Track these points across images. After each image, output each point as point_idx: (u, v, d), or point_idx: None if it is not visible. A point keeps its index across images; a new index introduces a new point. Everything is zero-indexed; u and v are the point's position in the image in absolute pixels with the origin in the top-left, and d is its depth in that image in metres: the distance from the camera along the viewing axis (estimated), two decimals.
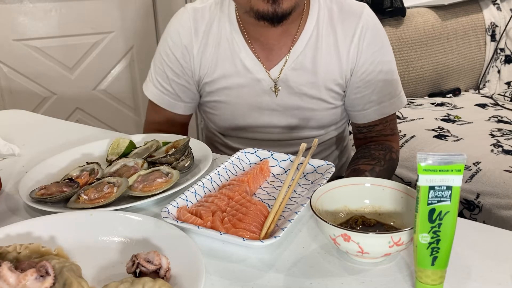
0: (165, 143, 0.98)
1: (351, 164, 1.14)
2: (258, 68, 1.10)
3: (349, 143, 1.36)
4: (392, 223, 0.71)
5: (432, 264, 0.58)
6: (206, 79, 1.15)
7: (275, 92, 1.12)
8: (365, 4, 1.13)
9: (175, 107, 1.20)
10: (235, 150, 1.00)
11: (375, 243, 0.62)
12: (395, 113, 1.20)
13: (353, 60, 1.10)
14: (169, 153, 0.91)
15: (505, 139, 1.85)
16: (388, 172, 1.13)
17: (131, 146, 0.99)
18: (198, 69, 1.14)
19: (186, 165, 0.91)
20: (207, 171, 0.87)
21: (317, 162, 0.89)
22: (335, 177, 0.80)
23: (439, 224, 0.57)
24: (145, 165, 0.91)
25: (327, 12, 1.10)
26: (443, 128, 2.00)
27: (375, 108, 1.14)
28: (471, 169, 1.67)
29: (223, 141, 1.25)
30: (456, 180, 0.56)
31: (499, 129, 1.96)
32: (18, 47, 2.30)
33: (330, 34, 1.10)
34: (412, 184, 1.74)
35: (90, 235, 0.70)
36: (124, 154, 0.97)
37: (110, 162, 0.95)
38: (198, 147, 0.97)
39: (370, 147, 1.17)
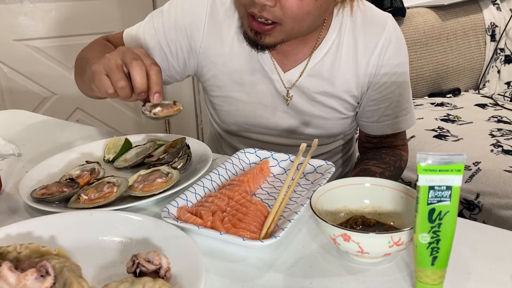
0: (160, 145, 0.98)
1: (359, 163, 1.13)
2: (273, 69, 1.08)
3: (354, 152, 1.35)
4: (392, 223, 0.71)
5: (432, 264, 0.58)
6: (214, 71, 1.11)
7: (287, 100, 1.10)
8: (390, 15, 1.08)
9: None
10: (238, 150, 0.99)
11: (375, 243, 0.62)
12: None
13: (371, 73, 1.06)
14: (167, 153, 0.91)
15: (505, 139, 1.85)
16: (394, 179, 1.11)
17: (128, 144, 1.00)
18: (198, 54, 1.09)
19: (179, 167, 0.91)
20: (207, 171, 0.87)
21: (317, 162, 0.89)
22: None
23: (439, 224, 0.57)
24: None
25: (350, 22, 1.05)
26: (443, 128, 2.00)
27: (390, 122, 1.12)
28: (471, 169, 1.67)
29: (229, 142, 1.23)
30: (456, 180, 0.56)
31: (499, 129, 1.96)
32: (18, 47, 2.30)
33: (350, 43, 1.05)
34: (412, 184, 1.74)
35: (90, 235, 0.70)
36: (122, 153, 0.98)
37: (107, 161, 0.96)
38: (198, 147, 0.97)
39: (381, 151, 1.15)
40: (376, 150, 1.17)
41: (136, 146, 1.00)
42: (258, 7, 0.90)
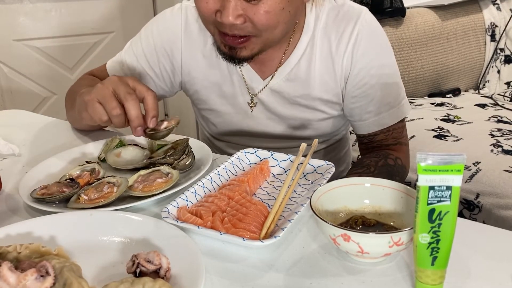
0: (160, 146, 0.98)
1: (347, 173, 1.12)
2: (251, 78, 1.09)
3: (349, 150, 1.34)
4: (392, 223, 0.71)
5: (432, 264, 0.58)
6: (197, 86, 1.13)
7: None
8: (364, 8, 1.06)
9: None
10: (230, 155, 0.98)
11: (375, 243, 0.62)
12: (401, 121, 1.12)
13: (347, 69, 1.04)
14: (168, 154, 0.91)
15: (504, 139, 1.85)
16: (384, 177, 1.09)
17: (121, 144, 1.00)
18: (180, 71, 1.12)
19: (187, 163, 0.91)
20: (207, 171, 0.87)
21: (317, 162, 0.89)
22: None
23: (439, 224, 0.57)
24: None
25: (323, 20, 1.04)
26: (443, 128, 2.00)
27: (373, 119, 1.09)
28: (471, 169, 1.67)
29: (220, 147, 1.24)
30: (456, 180, 0.56)
31: (499, 129, 1.96)
32: (18, 47, 2.30)
33: (324, 42, 1.04)
34: (412, 184, 1.74)
35: (90, 235, 0.70)
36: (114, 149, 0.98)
37: (101, 160, 0.97)
38: (198, 147, 0.97)
39: (365, 156, 1.13)
40: (362, 156, 1.15)
41: (133, 144, 0.99)
42: (228, 26, 0.89)
